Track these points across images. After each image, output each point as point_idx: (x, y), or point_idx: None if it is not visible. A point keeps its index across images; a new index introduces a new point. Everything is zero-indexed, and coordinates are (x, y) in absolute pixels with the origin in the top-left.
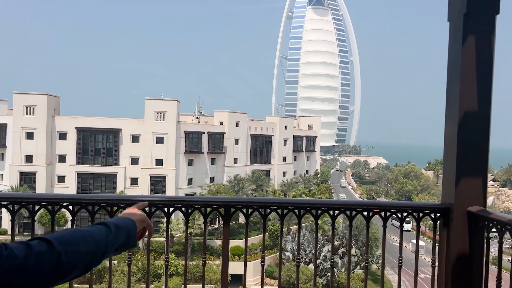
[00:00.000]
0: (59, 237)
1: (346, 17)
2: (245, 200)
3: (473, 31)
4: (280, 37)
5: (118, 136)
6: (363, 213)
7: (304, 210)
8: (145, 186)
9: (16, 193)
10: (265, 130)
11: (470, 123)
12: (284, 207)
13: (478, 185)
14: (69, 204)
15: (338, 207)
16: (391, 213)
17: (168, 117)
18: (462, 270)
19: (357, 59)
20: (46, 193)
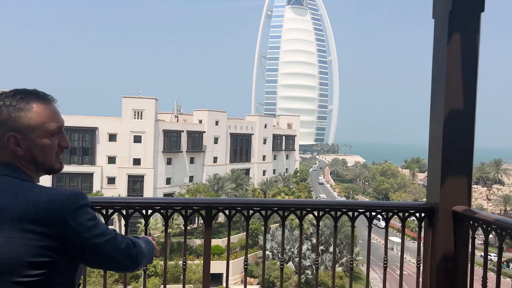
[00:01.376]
0: (136, 241)
1: (325, 17)
2: (228, 201)
3: (458, 29)
4: (259, 36)
5: (95, 134)
6: (348, 213)
7: (289, 211)
8: (123, 186)
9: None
10: (244, 129)
11: (455, 121)
12: (268, 208)
13: (463, 184)
14: None
15: (323, 208)
16: (377, 213)
17: (146, 116)
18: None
19: (336, 59)
20: None
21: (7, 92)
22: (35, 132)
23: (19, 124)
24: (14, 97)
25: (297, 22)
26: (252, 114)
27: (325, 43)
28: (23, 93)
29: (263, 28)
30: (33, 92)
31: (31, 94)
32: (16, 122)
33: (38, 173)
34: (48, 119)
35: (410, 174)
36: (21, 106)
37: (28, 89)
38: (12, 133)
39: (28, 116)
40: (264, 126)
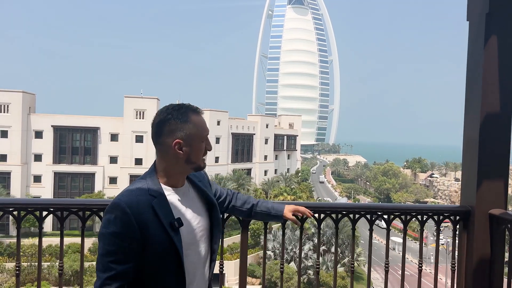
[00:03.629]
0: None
1: (326, 17)
2: None
3: (495, 32)
4: (260, 35)
5: (97, 134)
6: (384, 216)
7: (324, 214)
8: (125, 186)
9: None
10: (246, 129)
11: (491, 125)
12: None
13: (499, 188)
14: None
15: (359, 211)
16: (412, 216)
17: (148, 116)
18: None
19: (337, 58)
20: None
21: (172, 107)
22: (193, 139)
23: (183, 133)
24: (178, 111)
25: (298, 21)
26: (254, 114)
27: (326, 43)
28: (184, 107)
29: (264, 28)
30: (189, 107)
31: (188, 108)
32: (180, 131)
33: (187, 171)
34: (202, 129)
35: (411, 174)
36: (184, 118)
37: (185, 104)
38: (178, 140)
39: (189, 126)
40: (266, 126)
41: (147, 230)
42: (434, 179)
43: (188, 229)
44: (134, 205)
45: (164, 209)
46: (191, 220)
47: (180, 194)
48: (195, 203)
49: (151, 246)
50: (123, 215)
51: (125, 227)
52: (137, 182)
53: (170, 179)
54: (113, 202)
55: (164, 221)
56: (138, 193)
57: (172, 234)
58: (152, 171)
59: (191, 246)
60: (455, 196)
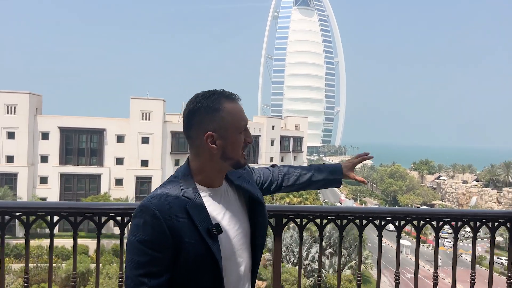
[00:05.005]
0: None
1: (332, 18)
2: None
3: None
4: (265, 37)
5: (103, 136)
6: (432, 222)
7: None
8: (130, 187)
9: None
10: (252, 130)
11: None
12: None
13: None
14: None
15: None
16: (463, 222)
17: (154, 117)
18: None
19: (342, 60)
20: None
21: (202, 94)
22: (228, 131)
23: (215, 124)
24: (209, 99)
25: (303, 23)
26: (259, 116)
27: (332, 44)
28: (215, 94)
29: (269, 29)
30: (222, 93)
31: (221, 95)
32: (212, 122)
33: (225, 168)
34: (238, 118)
35: (418, 176)
36: (216, 106)
37: (218, 90)
38: (210, 132)
39: (221, 116)
40: (272, 128)
41: (180, 237)
42: (442, 182)
43: (227, 237)
44: (165, 209)
45: (200, 213)
46: (230, 225)
47: (217, 196)
48: (234, 205)
49: (185, 256)
50: (153, 220)
51: (155, 234)
52: (169, 181)
53: (205, 178)
54: (141, 204)
55: (200, 227)
56: (170, 195)
57: (210, 243)
58: (186, 169)
59: (231, 257)
60: (462, 198)
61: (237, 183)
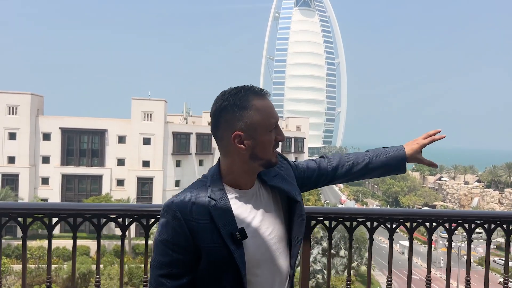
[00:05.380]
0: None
1: (333, 19)
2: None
3: None
4: (266, 37)
5: (104, 136)
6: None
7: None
8: (132, 188)
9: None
10: None
11: None
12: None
13: None
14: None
15: (436, 219)
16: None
17: (155, 118)
18: None
19: (343, 61)
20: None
21: (229, 91)
22: (257, 130)
23: (243, 123)
24: (236, 96)
25: (304, 24)
26: None
27: (333, 45)
28: (243, 90)
29: (270, 30)
30: (251, 89)
31: (250, 91)
32: (240, 120)
33: (255, 169)
34: (267, 115)
35: (420, 177)
36: (244, 104)
37: (246, 86)
38: (238, 132)
39: (250, 114)
40: None
41: (201, 241)
42: (443, 182)
43: (257, 242)
44: (187, 209)
45: (224, 216)
46: (260, 230)
47: (248, 198)
48: (267, 207)
49: (206, 260)
50: (174, 220)
51: (176, 235)
52: (197, 181)
53: (234, 180)
54: (165, 204)
55: (223, 231)
56: (194, 195)
57: (233, 248)
58: (216, 169)
59: (263, 264)
60: (464, 199)
61: (271, 183)
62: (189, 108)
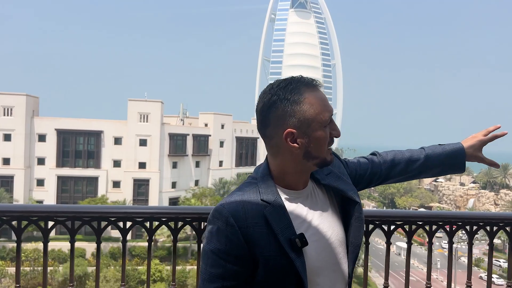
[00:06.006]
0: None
1: (329, 20)
2: None
3: None
4: (262, 39)
5: (100, 138)
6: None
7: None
8: (128, 190)
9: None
10: (250, 133)
11: None
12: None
13: None
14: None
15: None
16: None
17: (151, 119)
18: None
19: (339, 62)
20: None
21: (277, 84)
22: (310, 126)
23: (295, 119)
24: (286, 89)
25: (300, 25)
26: None
27: (328, 47)
28: (294, 82)
29: (266, 31)
30: (301, 80)
31: (300, 83)
32: (292, 116)
33: (309, 169)
34: (321, 109)
35: None
36: (295, 98)
37: (296, 77)
38: (290, 129)
39: (302, 109)
40: None
41: (257, 248)
42: (439, 184)
43: (316, 248)
44: (240, 214)
45: (281, 221)
46: (319, 235)
47: (302, 199)
48: (324, 209)
49: (263, 271)
50: (227, 227)
51: (229, 243)
52: (246, 183)
53: (287, 180)
54: (214, 209)
55: (281, 237)
56: (246, 198)
57: (293, 256)
58: (265, 169)
59: (324, 272)
60: (460, 201)
61: (325, 182)
62: (185, 109)
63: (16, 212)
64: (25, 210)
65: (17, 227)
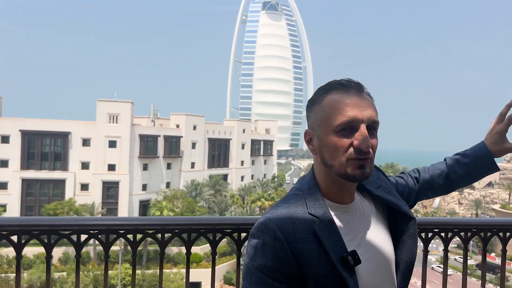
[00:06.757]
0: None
1: (299, 23)
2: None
3: None
4: (234, 40)
5: (68, 139)
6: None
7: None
8: (97, 193)
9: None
10: (222, 134)
11: None
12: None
13: None
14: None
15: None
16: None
17: (121, 120)
18: None
19: (310, 65)
20: None
21: (325, 84)
22: (320, 128)
23: (311, 120)
24: (318, 89)
25: (272, 27)
26: (231, 119)
27: (299, 49)
28: (330, 83)
29: (238, 33)
30: (338, 81)
31: (332, 83)
32: (309, 118)
33: (337, 180)
34: (333, 112)
35: None
36: (318, 99)
37: (339, 80)
38: (308, 129)
39: (316, 109)
40: (243, 131)
41: (307, 266)
42: None
43: (368, 266)
44: (289, 229)
45: (331, 237)
46: (370, 252)
47: (352, 213)
48: (375, 224)
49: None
50: (275, 242)
51: (277, 259)
52: (292, 195)
53: (330, 191)
54: (260, 222)
55: (332, 254)
56: (293, 211)
57: (346, 275)
58: (311, 179)
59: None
60: (426, 201)
61: (377, 194)
62: (156, 110)
63: None
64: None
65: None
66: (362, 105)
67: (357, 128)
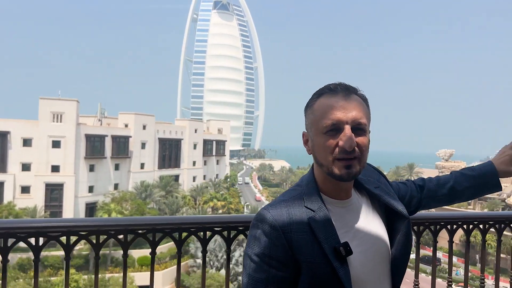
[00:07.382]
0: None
1: (251, 23)
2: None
3: None
4: (185, 39)
5: (6, 139)
6: (463, 226)
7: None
8: (39, 195)
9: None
10: (174, 134)
11: None
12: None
13: None
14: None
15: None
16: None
17: (66, 119)
18: None
19: (261, 65)
20: None
21: None
22: (312, 129)
23: (306, 122)
24: (313, 94)
25: (223, 27)
26: (182, 119)
27: (251, 50)
28: (322, 88)
29: (189, 31)
30: (328, 86)
31: (323, 88)
32: (305, 120)
33: (329, 178)
34: (321, 115)
35: None
36: (311, 102)
37: (329, 84)
38: (304, 131)
39: (309, 113)
40: (194, 131)
41: (301, 255)
42: None
43: (361, 259)
44: (284, 220)
45: (325, 229)
46: (363, 246)
47: (347, 209)
48: (370, 221)
49: (306, 279)
50: (272, 231)
51: (273, 247)
52: (291, 190)
53: (326, 187)
54: (258, 213)
55: (326, 245)
56: (290, 204)
57: (337, 265)
58: (310, 176)
59: (368, 285)
60: None
61: (376, 192)
62: (103, 109)
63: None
64: None
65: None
66: (347, 108)
67: (342, 129)
